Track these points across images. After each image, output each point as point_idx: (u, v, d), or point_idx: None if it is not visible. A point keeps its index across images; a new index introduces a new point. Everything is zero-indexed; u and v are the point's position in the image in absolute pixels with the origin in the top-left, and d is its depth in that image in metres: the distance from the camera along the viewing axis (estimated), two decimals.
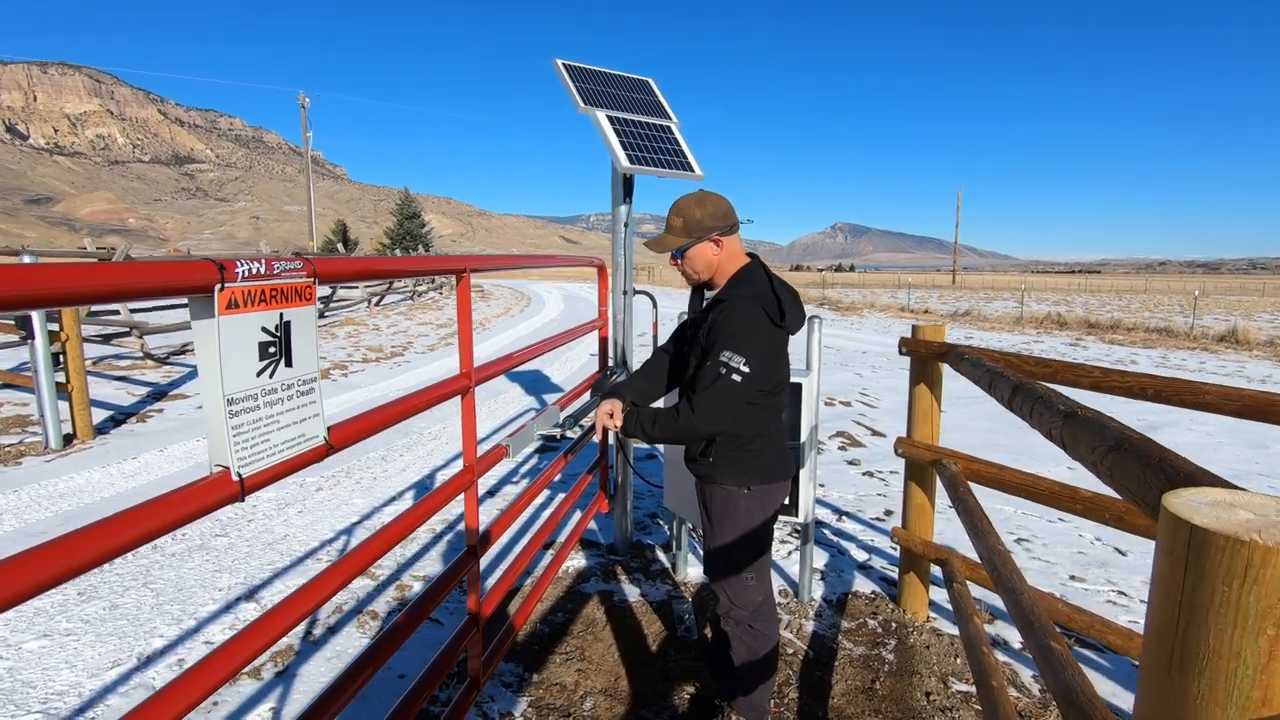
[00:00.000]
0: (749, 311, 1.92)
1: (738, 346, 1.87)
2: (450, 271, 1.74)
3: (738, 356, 1.87)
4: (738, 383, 1.88)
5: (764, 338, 1.93)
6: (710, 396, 1.88)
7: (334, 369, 9.66)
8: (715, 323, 1.94)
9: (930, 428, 3.05)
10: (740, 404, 1.91)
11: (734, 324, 1.90)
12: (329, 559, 3.60)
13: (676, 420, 1.94)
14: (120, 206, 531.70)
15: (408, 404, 1.56)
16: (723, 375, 1.87)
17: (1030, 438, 6.87)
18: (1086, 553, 4.09)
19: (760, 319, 1.93)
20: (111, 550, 0.84)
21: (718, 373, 1.87)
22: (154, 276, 0.91)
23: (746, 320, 1.91)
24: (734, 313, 1.92)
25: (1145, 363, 13.03)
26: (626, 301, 3.52)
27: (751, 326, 1.90)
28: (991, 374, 1.94)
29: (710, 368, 1.89)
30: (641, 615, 3.08)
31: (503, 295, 28.67)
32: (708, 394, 1.88)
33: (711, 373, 1.88)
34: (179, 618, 2.98)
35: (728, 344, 1.88)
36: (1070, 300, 35.69)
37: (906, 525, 3.17)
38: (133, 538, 0.87)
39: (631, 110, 3.34)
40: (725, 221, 2.04)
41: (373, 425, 1.40)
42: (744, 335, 1.89)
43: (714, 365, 1.88)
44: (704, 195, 2.05)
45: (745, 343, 1.88)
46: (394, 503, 4.49)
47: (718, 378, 1.87)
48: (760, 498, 2.11)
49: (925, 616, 3.17)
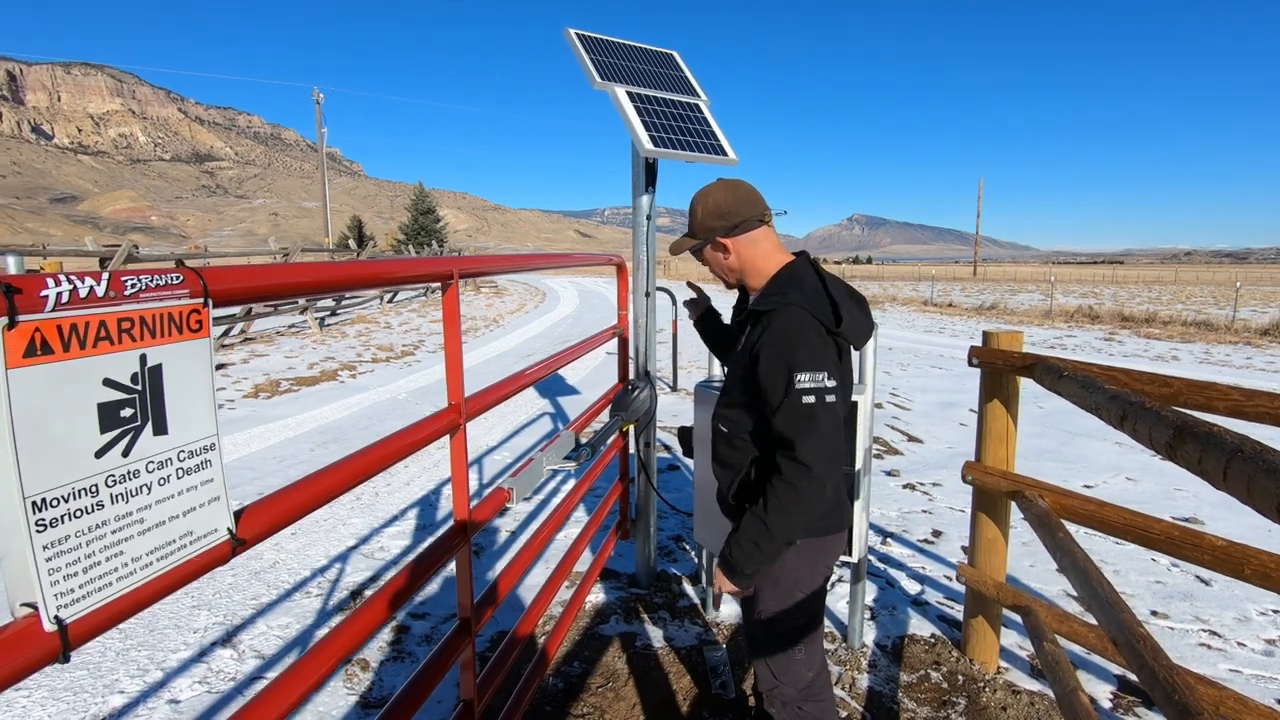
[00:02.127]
0: (797, 320, 1.52)
1: (808, 362, 1.47)
2: (433, 278, 1.35)
3: (817, 373, 1.47)
4: (834, 404, 1.48)
5: (825, 348, 1.52)
6: (816, 433, 1.46)
7: (342, 370, 9.35)
8: (762, 345, 1.54)
9: (1005, 451, 2.62)
10: (843, 431, 1.52)
11: (787, 339, 1.50)
12: (320, 593, 3.24)
13: (789, 497, 1.48)
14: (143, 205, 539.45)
15: (371, 457, 1.17)
16: (815, 404, 1.46)
17: (1081, 444, 6.38)
18: (1165, 582, 3.63)
19: (813, 326, 1.52)
20: None
21: (807, 403, 1.46)
22: None
23: (798, 331, 1.50)
24: (781, 327, 1.52)
25: (1187, 359, 12.41)
26: (649, 304, 3.12)
27: (805, 337, 1.50)
28: (1124, 404, 1.51)
29: (791, 403, 1.47)
30: (669, 666, 2.69)
31: (517, 291, 28.37)
32: (811, 432, 1.46)
33: (798, 406, 1.47)
34: (145, 667, 2.63)
35: (794, 364, 1.48)
36: (1098, 292, 34.71)
37: (975, 563, 2.74)
38: None
39: (655, 86, 2.93)
40: (727, 220, 1.65)
41: (316, 497, 1.01)
42: (804, 349, 1.49)
43: (795, 397, 1.47)
44: (709, 189, 1.69)
45: (811, 355, 1.48)
46: (395, 523, 4.13)
47: (812, 409, 1.46)
48: (811, 554, 1.70)
49: (996, 667, 2.74)
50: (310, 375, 8.92)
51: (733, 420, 1.69)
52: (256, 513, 0.89)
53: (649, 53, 3.10)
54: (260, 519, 0.89)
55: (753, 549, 1.55)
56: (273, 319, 13.83)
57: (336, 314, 16.09)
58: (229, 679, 2.58)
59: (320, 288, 1.02)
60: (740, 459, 1.68)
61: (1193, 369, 11.08)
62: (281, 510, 0.95)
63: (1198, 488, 5.15)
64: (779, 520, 1.51)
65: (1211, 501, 4.85)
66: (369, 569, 3.49)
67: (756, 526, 1.53)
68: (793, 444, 1.47)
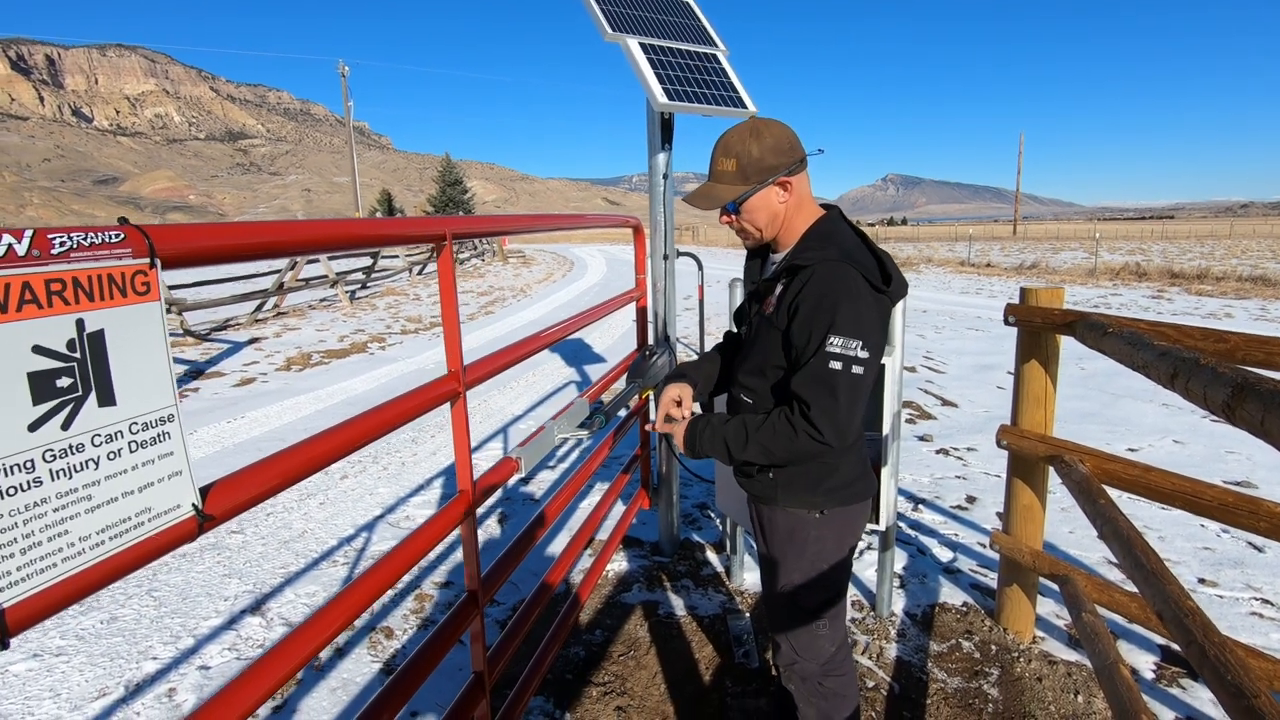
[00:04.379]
0: (845, 278, 1.39)
1: (847, 327, 1.36)
2: (423, 239, 1.27)
3: (852, 341, 1.36)
4: (860, 376, 1.37)
5: (872, 310, 1.41)
6: (834, 402, 1.37)
7: (371, 342, 9.45)
8: (803, 300, 1.42)
9: (1043, 414, 2.48)
10: (864, 403, 1.42)
11: (831, 297, 1.38)
12: (346, 562, 3.28)
13: (787, 436, 1.42)
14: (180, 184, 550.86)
15: (359, 428, 1.12)
16: (840, 371, 1.36)
17: (1125, 406, 6.13)
18: (1214, 548, 3.47)
19: (860, 286, 1.40)
20: None
21: (833, 369, 1.37)
22: None
23: (845, 290, 1.38)
24: (827, 283, 1.39)
25: (1241, 316, 11.84)
26: (668, 267, 3.02)
27: (853, 297, 1.38)
28: (1175, 361, 1.38)
29: (818, 364, 1.38)
30: (692, 635, 2.65)
31: (544, 260, 28.34)
32: (829, 399, 1.37)
33: (823, 370, 1.37)
34: (177, 634, 2.69)
35: (832, 325, 1.37)
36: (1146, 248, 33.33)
37: (1010, 530, 2.63)
38: None
39: (669, 36, 2.78)
40: (792, 156, 1.48)
41: (294, 469, 0.96)
42: (848, 310, 1.37)
43: (822, 359, 1.37)
44: (758, 125, 1.50)
45: (854, 320, 1.37)
46: (422, 491, 4.15)
47: (836, 375, 1.37)
48: (837, 524, 1.61)
49: (1031, 637, 2.65)
50: (340, 348, 9.03)
51: (756, 390, 1.59)
52: (228, 488, 0.84)
53: (664, 1, 2.95)
54: (232, 494, 0.84)
55: (720, 446, 1.54)
56: (305, 293, 14.03)
57: (367, 286, 16.27)
58: (257, 645, 2.62)
59: (286, 248, 0.94)
60: None
61: (1248, 326, 10.57)
62: (257, 483, 0.90)
63: (1251, 450, 4.91)
64: (761, 448, 1.47)
65: (1266, 465, 4.62)
66: (394, 538, 3.52)
67: (739, 434, 1.50)
68: (808, 404, 1.39)
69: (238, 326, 10.40)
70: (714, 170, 1.54)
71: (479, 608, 1.51)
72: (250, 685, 0.96)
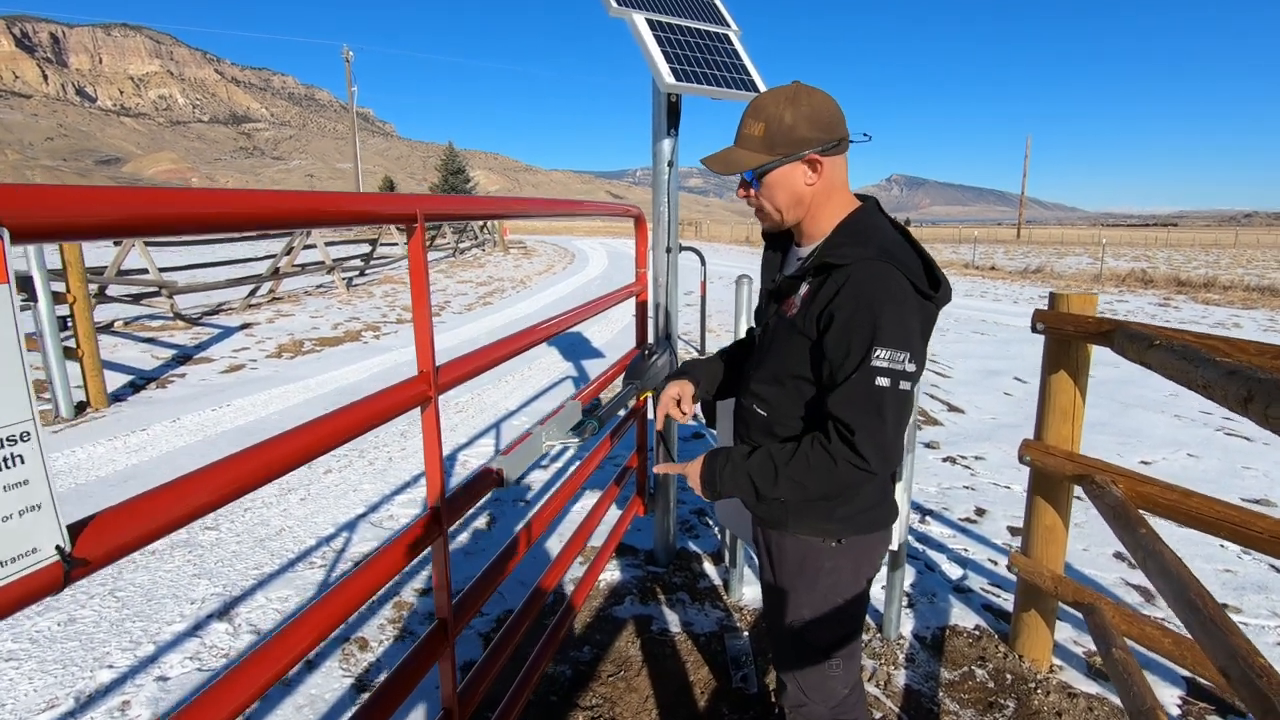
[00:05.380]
0: (888, 280, 1.21)
1: (892, 336, 1.19)
2: (387, 218, 1.09)
3: (899, 353, 1.19)
4: (908, 393, 1.21)
5: (916, 317, 1.23)
6: (880, 424, 1.20)
7: (366, 330, 9.26)
8: (838, 307, 1.23)
9: (1070, 429, 2.31)
10: (909, 418, 1.26)
11: (873, 303, 1.20)
12: (324, 564, 3.10)
13: (825, 468, 1.24)
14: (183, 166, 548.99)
15: (302, 440, 0.94)
16: (887, 388, 1.19)
17: (1136, 416, 5.95)
18: (1236, 571, 3.30)
19: (905, 289, 1.22)
20: None
21: (880, 386, 1.19)
22: None
23: (889, 294, 1.20)
24: (867, 285, 1.21)
25: (1250, 325, 11.69)
26: (670, 261, 2.84)
27: (897, 301, 1.20)
28: (1251, 383, 1.21)
29: (862, 381, 1.20)
30: (687, 655, 2.49)
31: (545, 252, 28.11)
32: (877, 421, 1.20)
33: (868, 388, 1.20)
34: (138, 640, 2.52)
35: (876, 336, 1.19)
36: (1151, 255, 33.13)
37: (1029, 551, 2.46)
38: None
39: (678, 13, 2.59)
40: (831, 133, 1.28)
41: (193, 505, 0.78)
42: (893, 317, 1.20)
43: (867, 375, 1.20)
44: (799, 89, 1.29)
45: (899, 328, 1.20)
46: (408, 489, 3.98)
47: (883, 394, 1.19)
48: (854, 554, 1.43)
49: (1049, 665, 2.48)
50: (334, 335, 8.84)
51: (770, 401, 1.41)
52: (107, 524, 0.66)
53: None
54: (112, 532, 0.66)
55: (745, 484, 1.33)
56: (301, 279, 13.83)
57: (365, 274, 16.06)
58: (221, 655, 2.45)
59: (190, 224, 0.74)
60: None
61: (1258, 337, 10.40)
62: (149, 517, 0.72)
63: (1269, 466, 4.75)
64: (794, 483, 1.27)
65: None
66: (376, 539, 3.35)
67: (765, 468, 1.30)
68: (852, 429, 1.21)
69: (230, 311, 10.21)
70: (739, 133, 1.35)
71: (449, 641, 1.33)
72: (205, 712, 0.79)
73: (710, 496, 1.40)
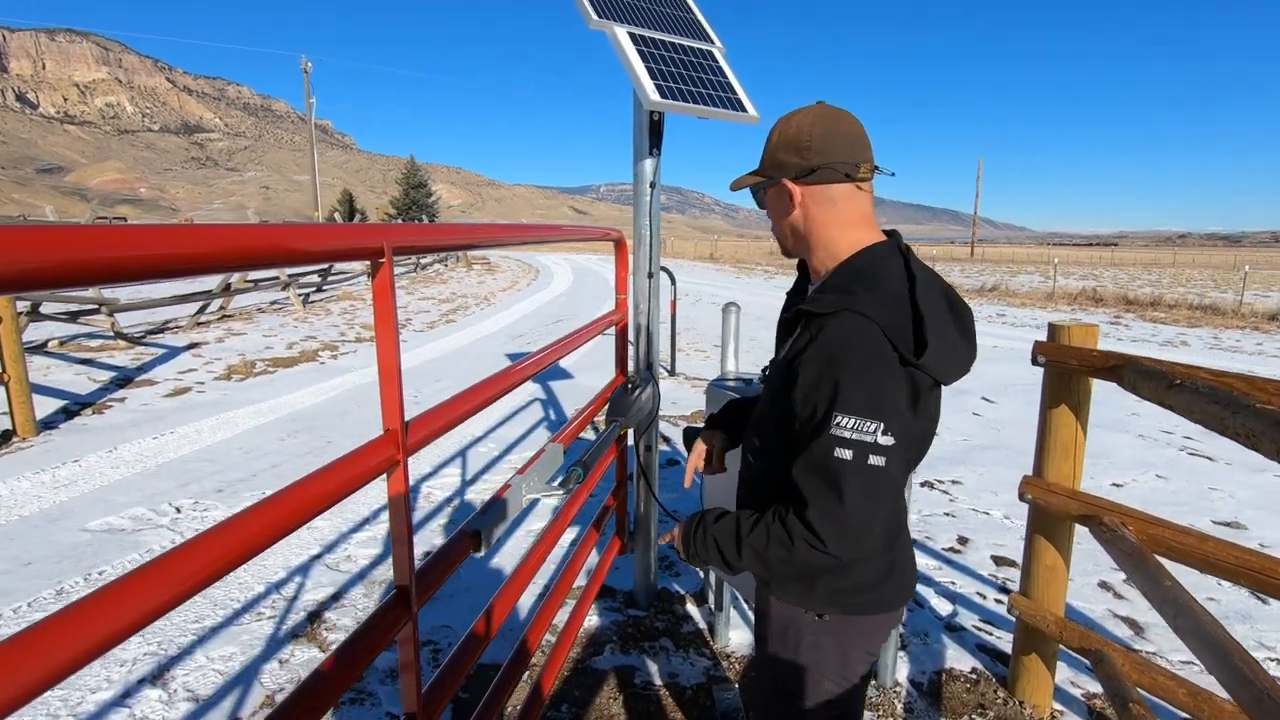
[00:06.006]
0: (861, 337, 1.05)
1: (857, 403, 1.03)
2: (352, 255, 0.91)
3: (865, 421, 1.02)
4: (880, 470, 1.02)
5: (892, 381, 1.05)
6: (837, 503, 1.03)
7: (323, 350, 8.89)
8: (807, 361, 1.09)
9: (1072, 466, 2.23)
10: (891, 502, 1.06)
11: (839, 362, 1.04)
12: (272, 614, 2.84)
13: (780, 543, 1.09)
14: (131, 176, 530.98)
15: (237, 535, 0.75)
16: (848, 461, 1.02)
17: (1101, 437, 5.99)
18: (1218, 599, 3.28)
19: (882, 350, 1.05)
20: None
21: (839, 458, 1.02)
22: None
23: (858, 353, 1.04)
24: (835, 342, 1.06)
25: (1196, 344, 12.09)
26: (652, 286, 2.69)
27: (868, 363, 1.04)
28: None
29: (819, 450, 1.04)
30: (672, 710, 2.31)
31: (510, 267, 27.79)
32: (832, 498, 1.03)
33: (826, 459, 1.03)
34: (55, 712, 2.23)
35: (836, 400, 1.03)
36: (1098, 274, 34.37)
37: (1030, 592, 2.36)
38: None
39: (661, 28, 2.47)
40: (803, 157, 1.15)
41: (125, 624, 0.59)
42: (860, 380, 1.03)
43: (826, 444, 1.03)
44: (803, 110, 1.20)
45: (869, 394, 1.03)
46: (367, 526, 3.72)
47: (843, 467, 1.02)
48: (840, 634, 1.24)
49: (1049, 711, 2.38)
50: (289, 355, 8.45)
51: (759, 447, 1.30)
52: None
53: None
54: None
55: (713, 551, 1.22)
56: (253, 295, 13.30)
57: (323, 290, 15.56)
58: None
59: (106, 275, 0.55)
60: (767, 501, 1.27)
61: (1203, 355, 10.76)
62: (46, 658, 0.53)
63: (1234, 487, 4.81)
64: (755, 555, 1.15)
65: (1252, 504, 4.51)
66: (332, 584, 3.09)
67: (729, 536, 1.19)
68: (805, 504, 1.06)
69: (177, 330, 9.71)
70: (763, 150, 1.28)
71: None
72: None
73: (689, 561, 1.28)
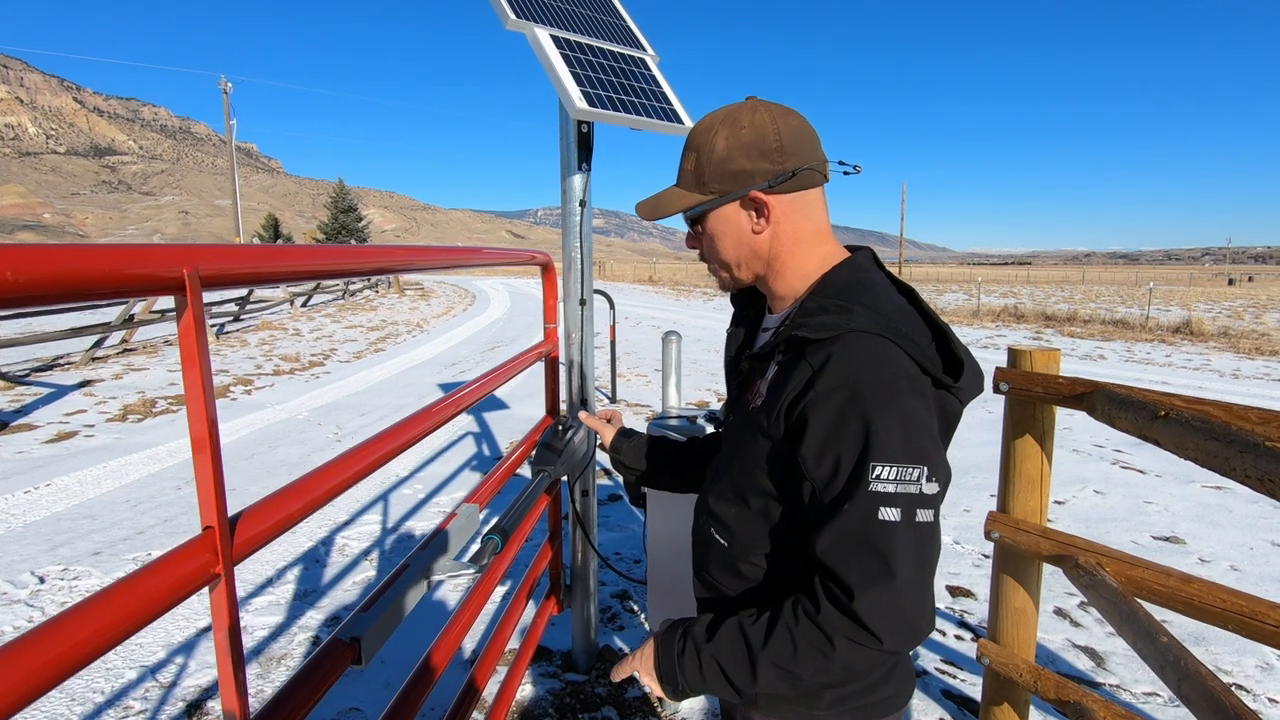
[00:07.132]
0: (886, 363, 0.84)
1: (896, 446, 0.81)
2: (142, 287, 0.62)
3: (910, 469, 0.81)
4: (930, 526, 0.82)
5: (929, 412, 0.86)
6: (890, 579, 0.80)
7: (235, 385, 8.22)
8: (817, 401, 0.85)
9: (1039, 500, 2.07)
10: (935, 562, 0.85)
11: (869, 397, 0.82)
12: (144, 709, 2.40)
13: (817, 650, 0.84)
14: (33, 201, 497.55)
15: None
16: (896, 524, 0.80)
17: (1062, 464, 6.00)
18: (1171, 621, 3.20)
19: (912, 375, 0.85)
20: None
21: (885, 521, 0.80)
22: None
23: (887, 384, 0.83)
24: (855, 370, 0.84)
25: (1112, 357, 12.69)
26: (585, 314, 2.44)
27: (900, 393, 0.83)
28: None
29: (856, 516, 0.81)
30: None
31: (444, 293, 27.06)
32: (883, 575, 0.80)
33: (869, 527, 0.81)
34: None
35: (870, 446, 0.81)
36: (1017, 292, 36.16)
37: (998, 637, 2.19)
38: None
39: (588, 32, 2.25)
40: (780, 162, 0.93)
41: None
42: (896, 417, 0.82)
43: (864, 506, 0.81)
44: (742, 109, 0.96)
45: (907, 435, 0.82)
46: (268, 589, 3.29)
47: (891, 532, 0.80)
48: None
49: None
50: None
51: (731, 526, 1.02)
52: None
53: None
54: None
55: (717, 678, 0.91)
56: (160, 326, 12.37)
57: (240, 319, 14.65)
58: None
59: None
60: (753, 590, 1.01)
61: (1119, 366, 11.26)
62: None
63: (1168, 500, 4.88)
64: (780, 672, 0.86)
65: (1187, 517, 4.56)
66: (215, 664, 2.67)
67: (737, 653, 0.89)
68: (849, 589, 0.81)
69: (68, 367, 8.85)
70: (679, 168, 1.01)
71: None
72: None
73: (675, 697, 0.97)
